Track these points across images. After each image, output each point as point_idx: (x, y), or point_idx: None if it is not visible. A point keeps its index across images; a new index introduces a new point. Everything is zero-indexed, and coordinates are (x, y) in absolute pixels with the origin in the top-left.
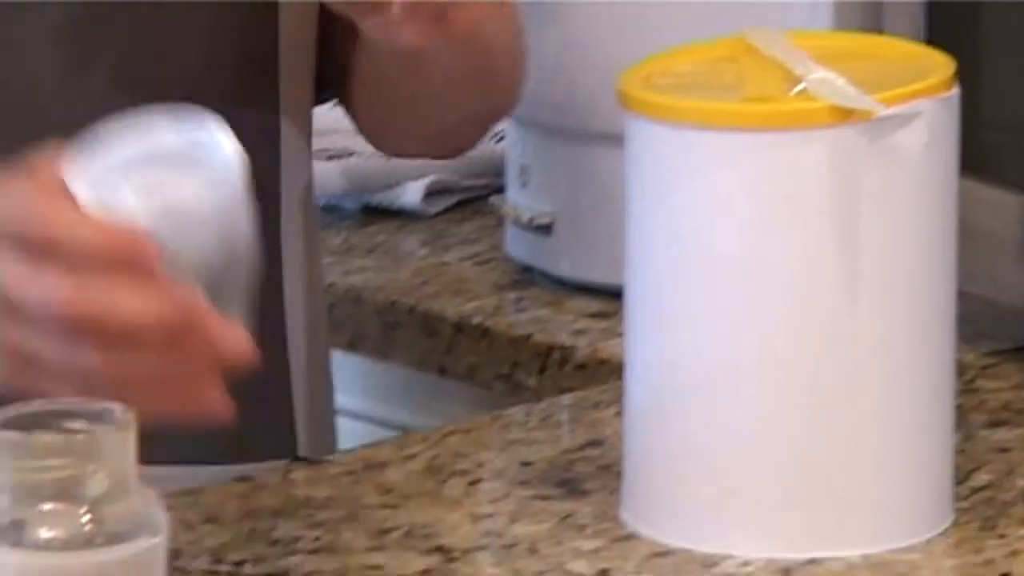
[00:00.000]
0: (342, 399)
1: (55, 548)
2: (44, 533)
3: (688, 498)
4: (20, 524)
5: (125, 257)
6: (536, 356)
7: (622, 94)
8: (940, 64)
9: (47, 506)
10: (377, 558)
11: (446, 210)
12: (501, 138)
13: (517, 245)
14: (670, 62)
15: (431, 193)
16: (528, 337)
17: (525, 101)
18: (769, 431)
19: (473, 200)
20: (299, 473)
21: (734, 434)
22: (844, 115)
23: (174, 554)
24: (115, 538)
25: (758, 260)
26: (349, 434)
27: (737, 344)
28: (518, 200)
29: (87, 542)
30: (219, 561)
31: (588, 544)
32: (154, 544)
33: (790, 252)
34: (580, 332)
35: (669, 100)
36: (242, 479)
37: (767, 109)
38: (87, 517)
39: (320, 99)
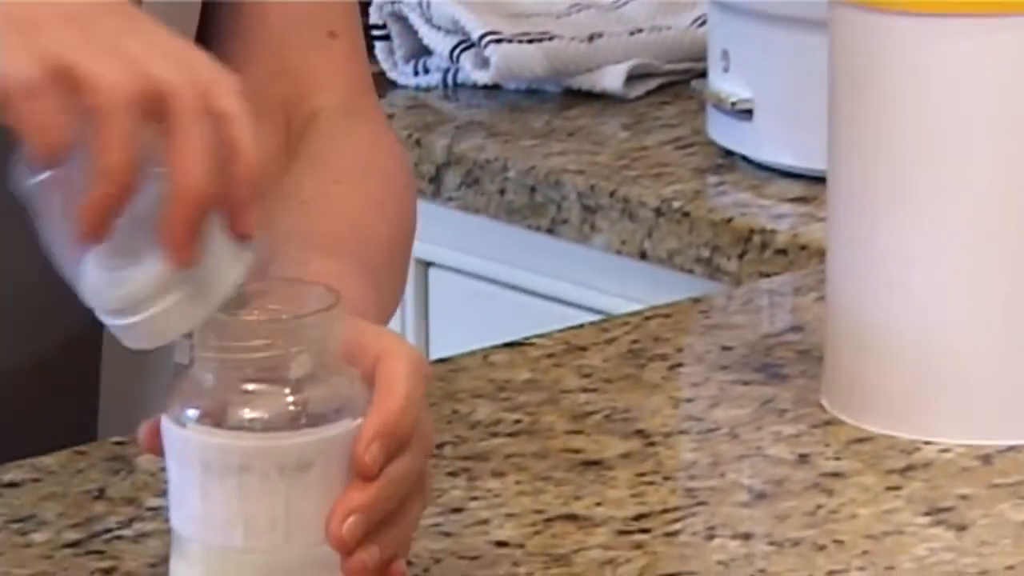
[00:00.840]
0: (543, 283)
1: (258, 429)
2: (247, 414)
3: (889, 384)
4: (223, 405)
5: None
6: (737, 240)
7: None
8: None
9: (251, 387)
10: (577, 441)
11: (647, 94)
12: (703, 22)
13: (718, 129)
14: None
15: (632, 77)
16: (729, 221)
17: None
18: (971, 318)
19: (674, 84)
20: (499, 356)
21: (936, 321)
22: None
23: None
24: (318, 419)
25: (962, 145)
26: (548, 316)
27: (941, 230)
28: (719, 84)
29: (290, 423)
30: None
31: (788, 429)
32: (356, 426)
33: (995, 135)
34: (781, 216)
35: None
36: (441, 361)
37: None
38: (291, 399)
39: None
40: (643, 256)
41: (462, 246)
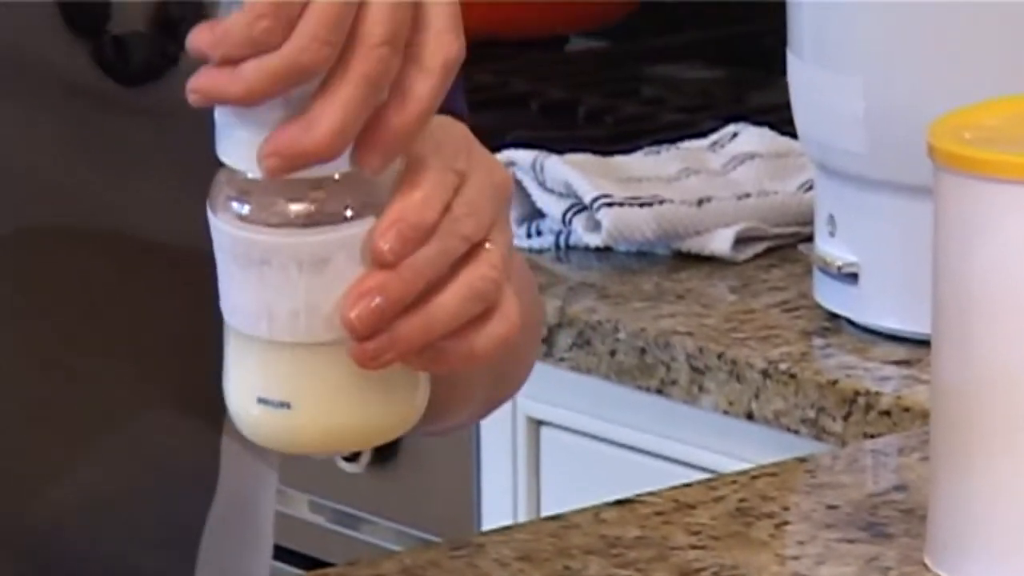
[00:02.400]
0: (652, 441)
1: (276, 224)
2: (271, 208)
3: (995, 544)
4: (253, 198)
5: None
6: (842, 402)
7: (932, 147)
8: None
9: (279, 183)
10: None
11: (755, 257)
12: (809, 187)
13: (825, 292)
14: (978, 115)
15: (740, 240)
16: (834, 383)
17: (831, 151)
18: None
19: (781, 248)
20: (609, 513)
21: None
22: None
23: None
24: (337, 217)
25: None
26: (658, 474)
27: None
28: (825, 248)
29: (310, 219)
30: None
31: None
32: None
33: None
34: (885, 379)
35: (980, 154)
36: (553, 518)
37: None
38: (312, 195)
39: None
40: (750, 417)
41: (573, 405)
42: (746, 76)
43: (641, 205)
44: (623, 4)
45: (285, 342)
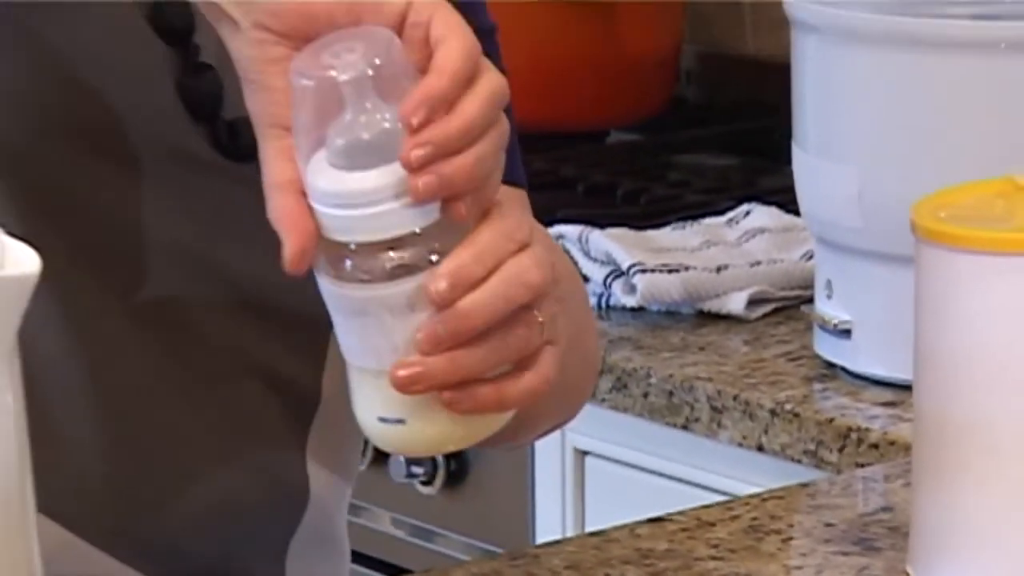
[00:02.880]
0: (679, 469)
1: (366, 281)
2: (362, 267)
3: (966, 554)
4: (345, 260)
5: None
6: (838, 436)
7: (914, 223)
8: None
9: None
10: None
11: (764, 315)
12: (810, 257)
13: (823, 345)
14: (954, 196)
15: (753, 301)
16: (831, 420)
17: (829, 226)
18: None
19: (787, 307)
20: (643, 529)
21: (1007, 511)
22: None
23: None
24: (415, 269)
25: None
26: (684, 497)
27: (1011, 437)
28: (824, 308)
29: (391, 275)
30: None
31: None
32: None
33: None
34: (874, 417)
35: (954, 229)
36: (596, 533)
37: None
38: (391, 254)
39: None
40: (761, 449)
41: (613, 439)
42: (758, 164)
43: (670, 271)
44: (655, 103)
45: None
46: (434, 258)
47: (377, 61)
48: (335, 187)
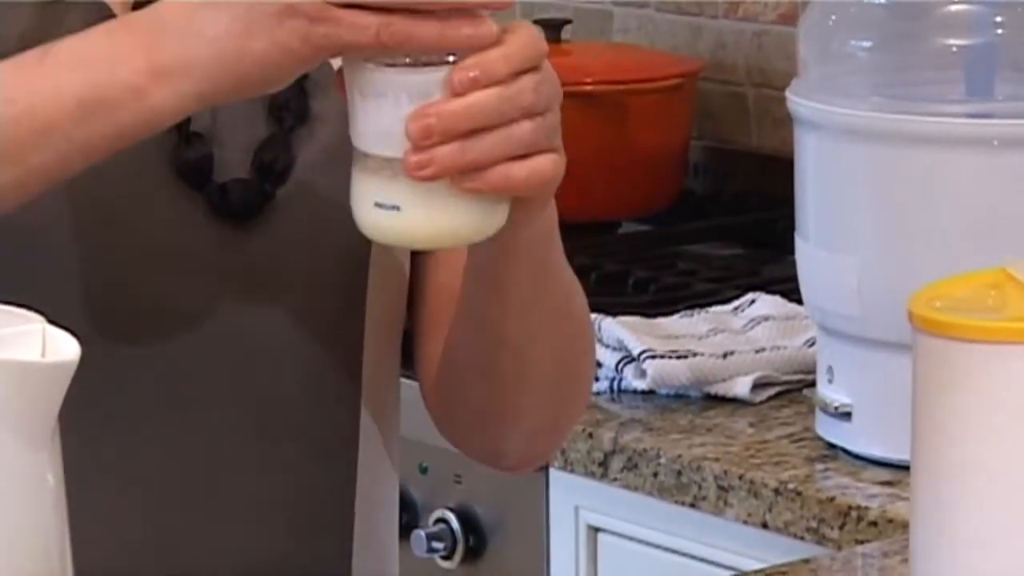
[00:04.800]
0: (688, 545)
1: (389, 65)
2: (389, 56)
3: None
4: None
5: None
6: (838, 514)
7: (911, 313)
8: None
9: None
10: None
11: (769, 399)
12: (812, 343)
13: (824, 427)
14: (948, 288)
15: (757, 385)
16: (832, 499)
17: (830, 315)
18: None
19: (790, 391)
20: None
21: None
22: None
23: None
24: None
25: (1017, 451)
26: (692, 572)
27: (1002, 518)
28: (825, 392)
29: (418, 61)
30: None
31: None
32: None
33: None
34: (873, 496)
35: (948, 319)
36: None
37: (1020, 327)
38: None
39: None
40: (765, 526)
41: (624, 516)
42: (762, 255)
43: (678, 357)
44: (665, 195)
45: (396, 157)
46: (451, 59)
47: None
48: None
